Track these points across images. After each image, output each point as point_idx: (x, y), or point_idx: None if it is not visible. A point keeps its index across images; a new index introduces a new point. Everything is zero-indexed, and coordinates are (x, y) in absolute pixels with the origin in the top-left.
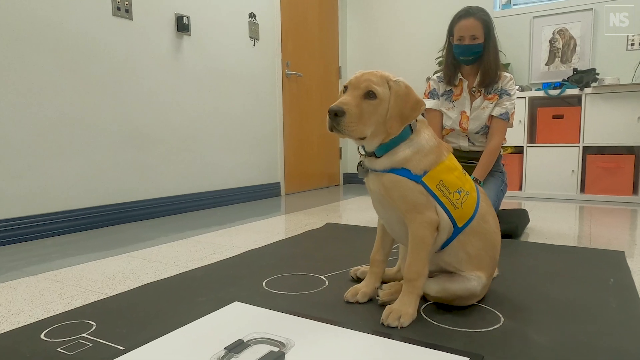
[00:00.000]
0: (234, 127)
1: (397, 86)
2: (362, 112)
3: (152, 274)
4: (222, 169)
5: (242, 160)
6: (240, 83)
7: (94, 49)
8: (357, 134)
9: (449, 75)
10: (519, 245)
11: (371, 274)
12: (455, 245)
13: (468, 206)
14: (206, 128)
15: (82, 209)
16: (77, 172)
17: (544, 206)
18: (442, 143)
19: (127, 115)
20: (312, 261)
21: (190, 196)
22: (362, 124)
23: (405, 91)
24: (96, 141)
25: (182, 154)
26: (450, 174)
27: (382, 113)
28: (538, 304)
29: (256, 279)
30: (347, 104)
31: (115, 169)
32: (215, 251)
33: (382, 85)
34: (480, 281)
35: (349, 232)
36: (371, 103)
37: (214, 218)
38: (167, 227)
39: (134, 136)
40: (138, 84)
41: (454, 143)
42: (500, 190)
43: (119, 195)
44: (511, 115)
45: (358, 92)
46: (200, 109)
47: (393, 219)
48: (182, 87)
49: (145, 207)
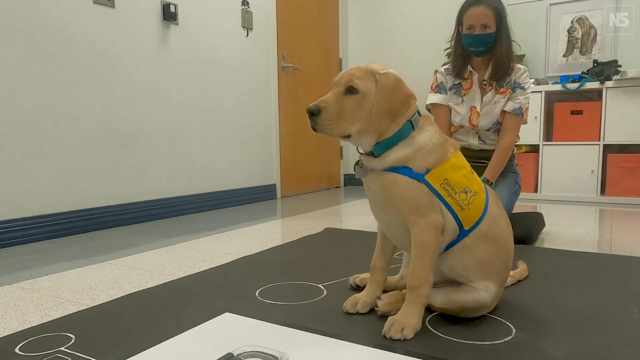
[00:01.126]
0: (226, 124)
1: (385, 79)
2: (342, 108)
3: (136, 283)
4: (212, 169)
5: (234, 160)
6: (232, 76)
7: (72, 40)
8: (338, 131)
9: (457, 67)
10: (534, 251)
11: (372, 283)
12: (461, 249)
13: (476, 208)
14: (195, 125)
15: (60, 213)
16: (55, 173)
17: (561, 209)
18: (448, 140)
19: (109, 111)
20: (309, 269)
21: (178, 199)
22: (344, 121)
23: (393, 84)
24: (75, 139)
25: (169, 153)
26: (456, 172)
27: (367, 108)
28: (553, 315)
29: (249, 288)
30: (324, 101)
31: (96, 170)
32: (205, 258)
33: (365, 79)
34: (490, 291)
35: (350, 238)
36: (353, 98)
37: (203, 223)
38: (152, 233)
39: (117, 134)
40: (121, 77)
41: (463, 141)
42: (513, 192)
43: (100, 198)
44: (525, 110)
45: (338, 88)
46: (189, 105)
47: (394, 224)
48: (168, 80)
49: (129, 211)
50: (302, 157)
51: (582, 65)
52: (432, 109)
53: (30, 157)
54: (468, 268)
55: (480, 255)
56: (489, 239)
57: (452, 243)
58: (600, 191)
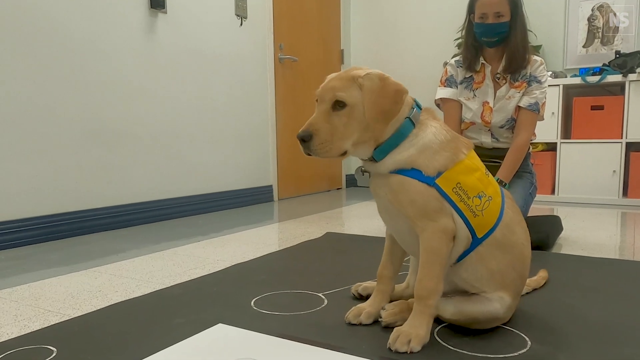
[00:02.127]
0: (218, 121)
1: (368, 81)
2: (333, 127)
3: (122, 292)
4: (204, 169)
5: (227, 160)
6: (225, 69)
7: (50, 29)
8: (334, 152)
9: (469, 59)
10: (550, 257)
11: (378, 292)
12: (474, 258)
13: (490, 214)
14: (185, 122)
15: (40, 217)
16: (34, 175)
17: (580, 212)
18: (460, 138)
19: (92, 107)
20: (308, 277)
21: (167, 202)
22: (338, 139)
23: (379, 84)
24: (55, 137)
25: (157, 152)
26: (470, 175)
27: (359, 118)
28: (571, 326)
29: (244, 298)
30: (313, 125)
31: (79, 170)
32: (196, 265)
33: (349, 89)
34: (504, 303)
35: (353, 243)
36: (342, 113)
37: (194, 227)
38: (139, 238)
39: (100, 132)
40: (104, 71)
41: (475, 139)
42: (528, 194)
43: (83, 201)
44: (542, 106)
45: (325, 106)
46: (178, 100)
47: (403, 228)
48: (156, 74)
49: (114, 214)
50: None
51: (603, 57)
52: (442, 104)
53: (6, 158)
54: (481, 279)
55: (495, 266)
56: (504, 247)
57: (465, 253)
58: (622, 193)
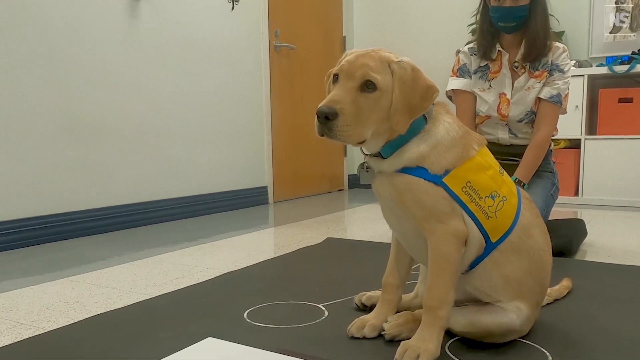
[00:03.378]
0: (208, 115)
1: (402, 70)
2: (359, 110)
3: (102, 303)
4: (192, 169)
5: (218, 158)
6: (214, 58)
7: (24, 13)
8: (355, 138)
9: (484, 46)
10: (573, 264)
11: (383, 303)
12: (488, 265)
13: (505, 215)
14: (171, 117)
15: (11, 221)
16: (3, 174)
17: (607, 216)
18: (471, 133)
19: (69, 100)
20: (307, 286)
21: (152, 204)
22: (361, 125)
23: (412, 75)
24: (29, 133)
25: (140, 150)
26: (481, 173)
27: (384, 107)
28: (596, 340)
29: (236, 309)
30: (340, 102)
31: (54, 170)
32: (183, 274)
33: (382, 72)
34: (521, 314)
35: (356, 250)
36: (370, 97)
37: (182, 232)
38: (121, 244)
39: (79, 127)
40: (83, 59)
41: (491, 134)
42: (549, 196)
43: (59, 203)
44: (564, 97)
45: (353, 84)
46: (164, 92)
47: (409, 231)
48: (140, 63)
49: (93, 218)
50: (299, 154)
51: (632, 44)
52: (454, 96)
53: None
54: (496, 287)
55: (510, 272)
56: (521, 253)
57: (478, 259)
58: None
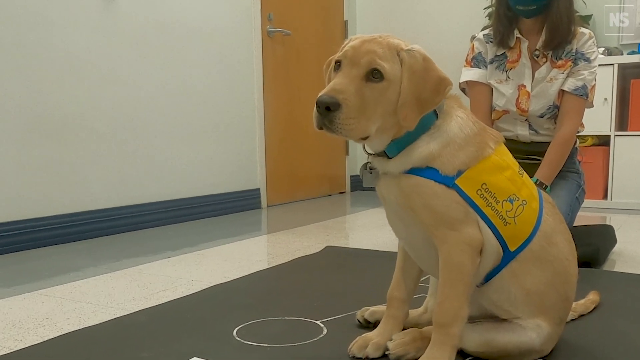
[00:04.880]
0: (193, 109)
1: (412, 59)
2: (364, 101)
3: (75, 320)
4: (175, 169)
5: (204, 157)
6: (200, 46)
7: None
8: (358, 133)
9: (501, 32)
10: (601, 276)
11: (388, 319)
12: (506, 277)
13: (524, 221)
14: (152, 111)
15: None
16: None
17: (638, 221)
18: (487, 130)
19: (37, 91)
20: (304, 300)
21: (131, 209)
22: (365, 119)
23: (423, 65)
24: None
25: (117, 148)
26: (498, 174)
27: (391, 100)
28: (625, 358)
29: (224, 326)
30: (343, 92)
31: (20, 171)
32: (166, 287)
33: (390, 60)
34: (541, 332)
35: (358, 260)
36: (376, 87)
37: (164, 240)
38: (97, 253)
39: (47, 123)
40: (52, 46)
41: (509, 131)
42: (574, 199)
43: (26, 208)
44: (591, 89)
45: (357, 72)
46: (144, 84)
47: (417, 240)
48: (116, 52)
49: (64, 224)
50: (295, 152)
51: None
52: (468, 88)
53: None
54: (515, 302)
55: (531, 285)
56: (543, 263)
57: (495, 270)
58: None
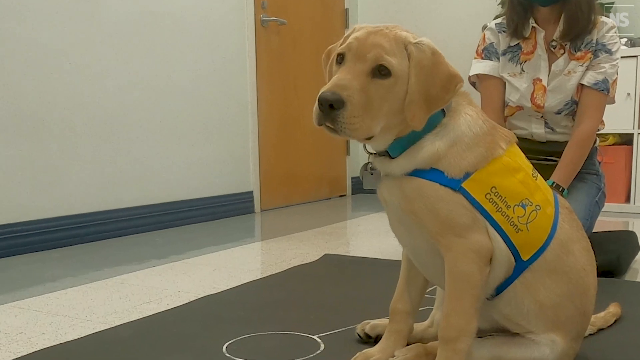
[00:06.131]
0: (180, 105)
1: (421, 54)
2: (369, 99)
3: (51, 334)
4: (161, 171)
5: (193, 158)
6: (188, 36)
7: None
8: (362, 133)
9: (515, 21)
10: (623, 286)
11: (391, 333)
12: (518, 289)
13: (538, 228)
14: (135, 107)
15: None
16: None
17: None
18: (498, 129)
19: (8, 86)
20: (300, 313)
21: (112, 214)
22: (370, 118)
23: (432, 60)
24: None
25: (96, 148)
26: (510, 177)
27: (398, 97)
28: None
29: (213, 341)
30: (347, 88)
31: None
32: (150, 298)
33: (398, 55)
34: (555, 348)
35: (359, 269)
36: (383, 84)
37: (149, 247)
38: (75, 262)
39: (20, 121)
40: (22, 38)
41: (523, 129)
42: (593, 203)
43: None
44: (612, 84)
45: (363, 67)
46: (127, 78)
47: (422, 247)
48: (96, 43)
49: (40, 231)
50: (292, 152)
51: None
52: (478, 82)
53: None
54: (528, 315)
55: (545, 297)
56: (558, 274)
57: (506, 282)
58: None
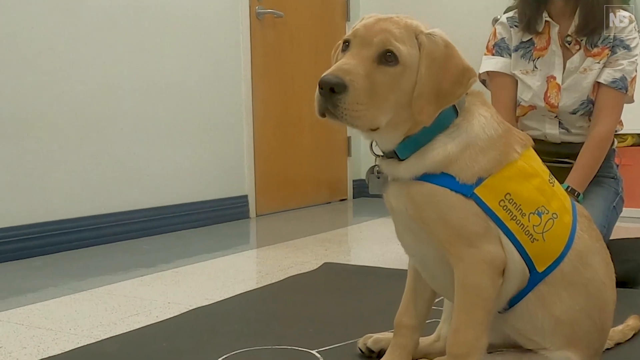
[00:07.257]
0: (171, 105)
1: (433, 44)
2: (374, 86)
3: (33, 349)
4: (151, 174)
5: (184, 160)
6: (178, 30)
7: None
8: (366, 122)
9: (527, 15)
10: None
11: (395, 348)
12: (533, 302)
13: (555, 238)
14: (122, 106)
15: None
16: None
17: None
18: (513, 131)
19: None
20: (298, 326)
21: (97, 219)
22: (375, 107)
23: (444, 52)
24: None
25: (82, 150)
26: (525, 182)
27: (406, 89)
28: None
29: (206, 356)
30: (350, 72)
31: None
32: (138, 310)
33: (407, 43)
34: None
35: (361, 279)
36: (389, 72)
37: (136, 255)
38: (58, 271)
39: (2, 121)
40: (3, 33)
41: (536, 130)
42: (611, 209)
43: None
44: (631, 82)
45: (368, 52)
46: (111, 75)
47: (429, 257)
48: (81, 38)
49: (20, 238)
50: (289, 153)
51: None
52: (489, 79)
53: None
54: (542, 331)
55: (561, 312)
56: (575, 286)
57: (520, 294)
58: None
